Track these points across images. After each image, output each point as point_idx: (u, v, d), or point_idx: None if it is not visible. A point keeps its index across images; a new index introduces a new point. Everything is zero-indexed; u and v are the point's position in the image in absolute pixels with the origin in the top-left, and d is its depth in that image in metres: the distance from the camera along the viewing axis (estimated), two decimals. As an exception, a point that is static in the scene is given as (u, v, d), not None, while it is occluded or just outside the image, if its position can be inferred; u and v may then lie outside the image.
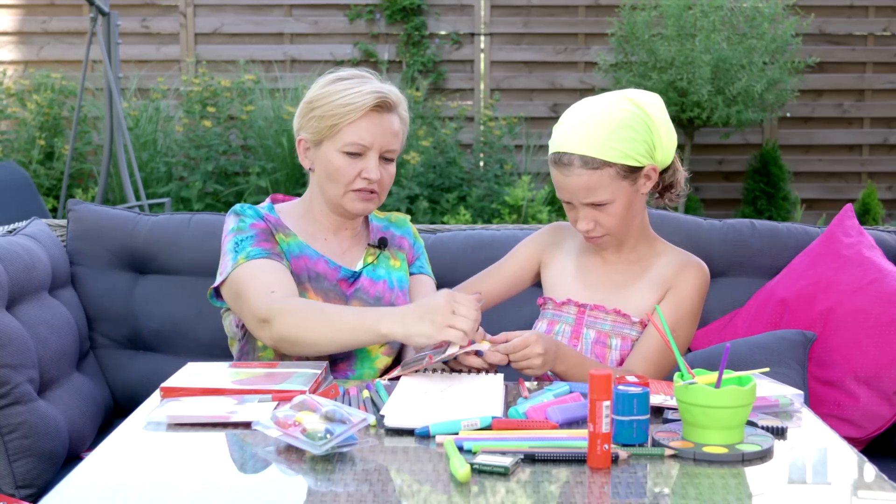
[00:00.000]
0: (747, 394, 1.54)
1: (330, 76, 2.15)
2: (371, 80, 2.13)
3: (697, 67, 6.03)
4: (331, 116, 2.07)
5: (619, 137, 1.97)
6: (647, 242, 2.16)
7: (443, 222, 6.09)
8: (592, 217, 2.03)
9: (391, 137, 2.11)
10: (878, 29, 7.06)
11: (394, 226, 2.29)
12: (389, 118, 2.10)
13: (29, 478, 2.08)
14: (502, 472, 1.43)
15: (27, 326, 2.18)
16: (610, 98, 2.03)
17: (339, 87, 2.10)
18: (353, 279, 2.16)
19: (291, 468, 1.47)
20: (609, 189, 1.99)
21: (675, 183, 2.13)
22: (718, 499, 1.36)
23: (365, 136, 2.07)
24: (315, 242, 2.17)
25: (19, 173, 4.83)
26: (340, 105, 2.07)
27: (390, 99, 2.10)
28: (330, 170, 2.10)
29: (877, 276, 2.43)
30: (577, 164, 1.98)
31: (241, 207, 2.15)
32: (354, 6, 6.96)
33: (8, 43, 6.97)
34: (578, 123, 2.00)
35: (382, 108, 2.09)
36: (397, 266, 2.23)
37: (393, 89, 2.14)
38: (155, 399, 1.79)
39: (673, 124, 2.07)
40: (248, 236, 2.09)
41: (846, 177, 7.11)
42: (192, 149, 6.28)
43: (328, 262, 2.14)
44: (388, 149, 2.11)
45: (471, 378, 1.86)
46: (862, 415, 2.35)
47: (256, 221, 2.12)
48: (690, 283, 2.10)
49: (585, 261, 2.18)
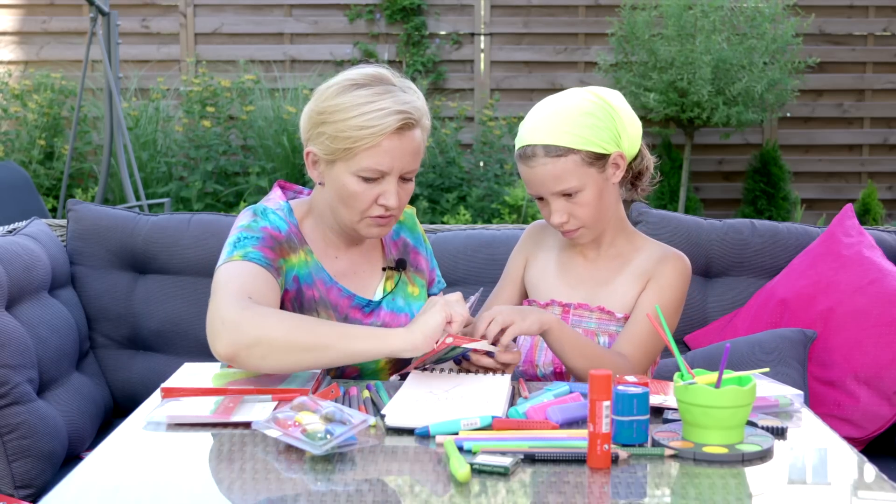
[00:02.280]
0: (747, 394, 1.54)
1: (344, 81, 1.90)
2: (393, 91, 1.88)
3: (698, 68, 6.03)
4: (346, 139, 1.85)
5: (581, 124, 1.99)
6: (626, 237, 2.16)
7: (443, 222, 6.09)
8: (565, 209, 2.03)
9: (412, 157, 1.89)
10: (878, 29, 7.06)
11: (405, 228, 2.14)
12: (411, 136, 1.88)
13: (28, 478, 2.08)
14: (502, 472, 1.43)
15: (27, 326, 2.18)
16: (571, 91, 2.07)
17: (356, 101, 1.85)
18: (370, 309, 2.01)
19: (291, 468, 1.47)
20: (576, 176, 2.00)
21: (643, 170, 2.15)
22: (718, 499, 1.36)
23: (384, 160, 1.86)
24: (327, 261, 1.99)
25: (19, 173, 4.83)
26: (356, 127, 1.84)
27: (413, 117, 1.87)
28: (344, 194, 1.89)
29: (877, 276, 2.43)
30: (541, 154, 1.99)
31: (263, 209, 1.95)
32: (354, 6, 6.96)
33: (8, 43, 6.97)
34: (541, 117, 2.02)
35: (404, 129, 1.86)
36: (416, 294, 2.09)
37: (414, 101, 1.89)
38: (155, 399, 1.79)
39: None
40: (255, 237, 1.89)
41: (846, 177, 7.11)
42: (192, 149, 6.28)
43: (341, 291, 1.98)
44: (409, 170, 1.90)
45: (477, 378, 1.86)
46: (862, 415, 2.35)
47: (274, 228, 1.92)
48: (670, 273, 2.10)
49: (566, 259, 2.17)
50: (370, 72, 1.92)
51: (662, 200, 6.46)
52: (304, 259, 1.96)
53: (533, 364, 2.12)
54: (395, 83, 1.92)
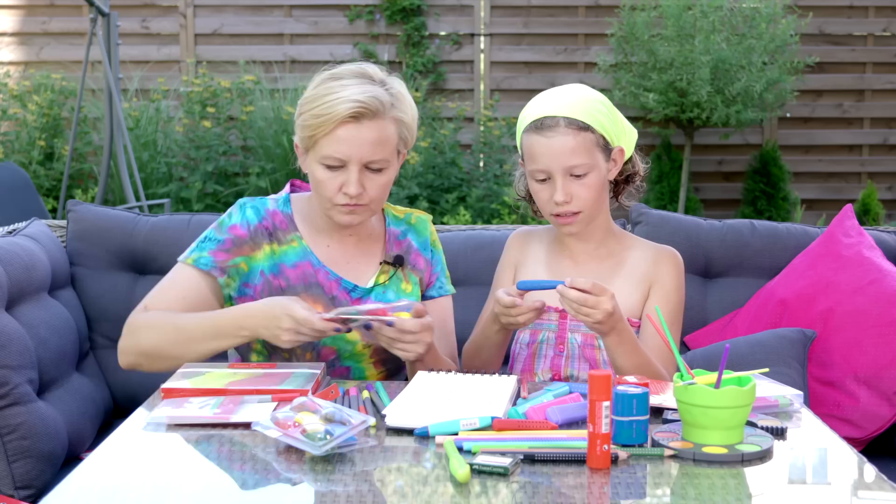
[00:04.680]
0: (747, 394, 1.54)
1: (325, 73, 2.02)
2: (363, 83, 1.96)
3: (697, 68, 6.03)
4: (308, 126, 1.96)
5: (597, 109, 2.05)
6: (615, 237, 2.17)
7: (443, 222, 6.10)
8: (569, 189, 2.03)
9: (372, 148, 1.94)
10: (878, 29, 7.06)
11: (413, 231, 2.17)
12: (371, 126, 1.94)
13: (28, 478, 2.08)
14: (502, 473, 1.43)
15: (27, 327, 2.18)
16: (574, 84, 2.12)
17: (321, 92, 1.96)
18: (357, 295, 2.08)
19: (291, 469, 1.47)
20: (590, 154, 2.03)
21: (632, 175, 2.18)
22: (718, 499, 1.36)
23: (340, 148, 1.94)
24: (318, 248, 2.09)
25: (19, 174, 4.83)
26: (314, 115, 1.94)
27: (369, 107, 1.93)
28: (314, 182, 2.00)
29: (877, 277, 2.43)
30: (563, 125, 2.02)
31: (243, 204, 2.09)
32: (354, 6, 6.96)
33: (8, 44, 6.97)
34: (561, 94, 2.07)
35: (361, 117, 1.93)
36: (408, 291, 2.13)
37: (378, 93, 1.95)
38: (155, 399, 1.79)
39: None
40: (217, 239, 2.04)
41: (846, 177, 7.11)
42: (192, 149, 6.29)
43: (329, 274, 2.07)
44: (370, 160, 1.95)
45: (483, 379, 1.86)
46: (862, 415, 2.35)
47: (243, 225, 2.05)
48: (670, 274, 2.12)
49: (555, 264, 2.16)
50: (354, 67, 2.02)
51: (662, 201, 6.46)
52: (278, 249, 2.06)
53: (532, 373, 2.11)
54: (375, 77, 2.00)
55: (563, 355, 2.09)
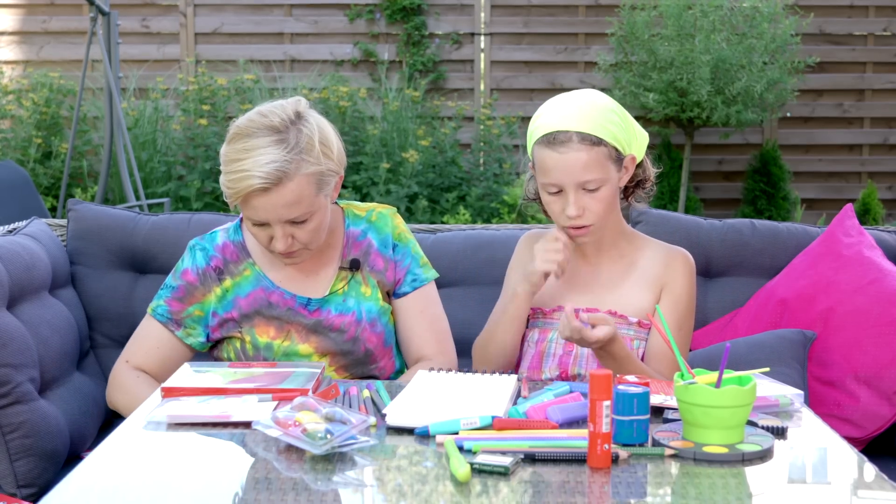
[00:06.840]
0: (747, 394, 1.54)
1: (233, 128, 1.97)
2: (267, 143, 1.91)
3: (697, 67, 6.03)
4: (226, 189, 1.96)
5: (610, 120, 2.02)
6: (626, 238, 2.16)
7: (442, 222, 6.10)
8: (582, 203, 2.02)
9: (288, 208, 1.93)
10: (878, 29, 7.06)
11: (373, 229, 2.16)
12: (280, 192, 1.91)
13: (30, 477, 2.08)
14: (502, 472, 1.43)
15: (28, 326, 2.18)
16: (588, 90, 2.09)
17: (228, 157, 1.94)
18: (314, 307, 2.09)
19: (291, 468, 1.47)
20: (603, 168, 2.01)
21: (643, 180, 2.17)
22: (718, 499, 1.36)
23: (258, 214, 1.95)
24: (271, 271, 2.11)
25: (19, 173, 4.83)
26: (227, 184, 1.94)
27: (272, 180, 1.90)
28: (249, 233, 2.05)
29: (877, 276, 2.43)
30: (576, 140, 1.99)
31: (192, 247, 2.14)
32: (354, 6, 6.96)
33: (8, 43, 6.97)
34: (573, 106, 2.02)
35: (268, 189, 1.91)
36: (367, 294, 2.13)
37: (281, 158, 1.90)
38: (155, 399, 1.79)
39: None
40: (172, 286, 2.12)
41: (846, 177, 7.11)
42: (191, 148, 6.29)
43: (283, 294, 2.09)
44: (288, 218, 1.95)
45: (484, 378, 1.86)
46: (862, 415, 2.35)
47: (193, 270, 2.11)
48: (682, 276, 2.12)
49: (568, 265, 2.17)
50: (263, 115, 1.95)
51: (662, 200, 6.46)
52: (232, 282, 2.11)
53: (539, 370, 2.11)
54: (282, 126, 1.93)
55: (572, 354, 2.09)
